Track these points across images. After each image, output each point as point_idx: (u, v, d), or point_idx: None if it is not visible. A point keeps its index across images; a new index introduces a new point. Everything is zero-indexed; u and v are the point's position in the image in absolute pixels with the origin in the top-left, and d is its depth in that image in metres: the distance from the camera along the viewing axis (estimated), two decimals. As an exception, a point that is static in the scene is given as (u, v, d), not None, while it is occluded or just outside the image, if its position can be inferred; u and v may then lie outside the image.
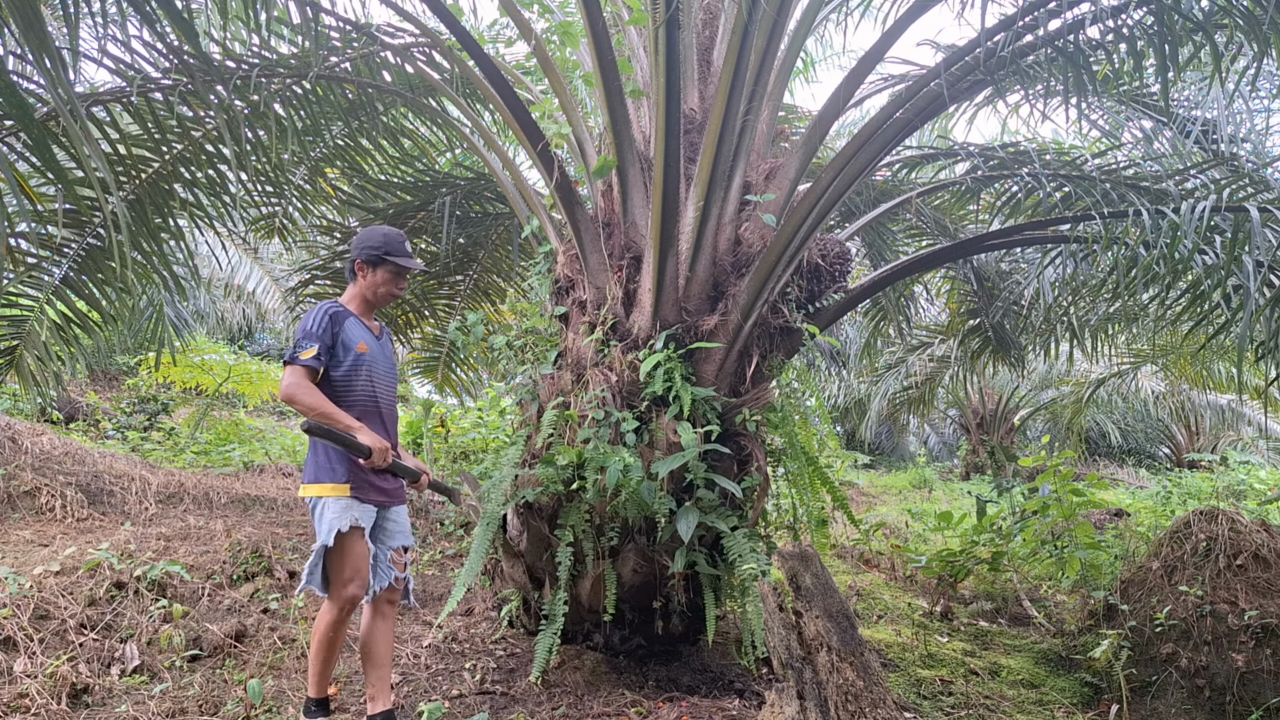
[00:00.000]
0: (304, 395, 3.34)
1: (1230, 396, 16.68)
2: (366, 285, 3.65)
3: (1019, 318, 7.94)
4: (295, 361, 3.37)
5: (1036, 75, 4.83)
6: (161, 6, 3.23)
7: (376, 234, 3.61)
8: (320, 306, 3.48)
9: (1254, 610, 4.80)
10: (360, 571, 3.48)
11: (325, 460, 3.48)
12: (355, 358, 3.51)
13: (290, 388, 3.34)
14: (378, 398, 3.62)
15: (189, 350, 11.34)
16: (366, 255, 3.58)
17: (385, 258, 3.58)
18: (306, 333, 3.41)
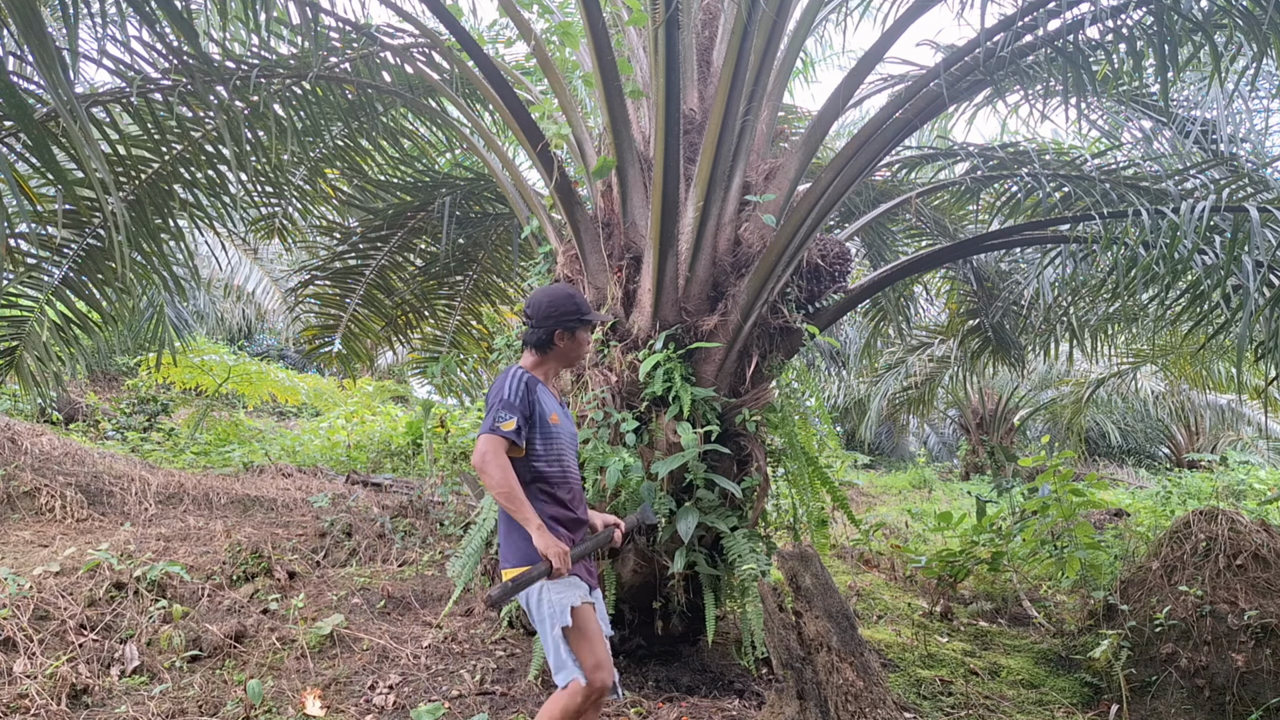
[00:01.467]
0: (497, 471, 3.00)
1: (1230, 396, 16.67)
2: (567, 350, 3.31)
3: (1019, 318, 7.94)
4: (495, 432, 3.03)
5: (1036, 75, 4.83)
6: (161, 7, 3.23)
7: (566, 298, 3.30)
8: (515, 374, 3.18)
9: (1254, 610, 4.80)
10: (602, 657, 3.07)
11: (527, 541, 3.08)
12: (549, 429, 3.22)
13: (485, 457, 3.00)
14: (567, 471, 3.30)
15: (189, 351, 11.34)
16: (569, 323, 3.25)
17: (584, 319, 3.30)
18: (506, 402, 3.08)
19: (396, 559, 6.20)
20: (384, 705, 4.06)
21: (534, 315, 3.27)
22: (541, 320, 3.25)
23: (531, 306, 3.29)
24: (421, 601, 5.41)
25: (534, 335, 3.27)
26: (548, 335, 3.26)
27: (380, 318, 7.46)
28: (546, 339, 3.26)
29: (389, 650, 4.60)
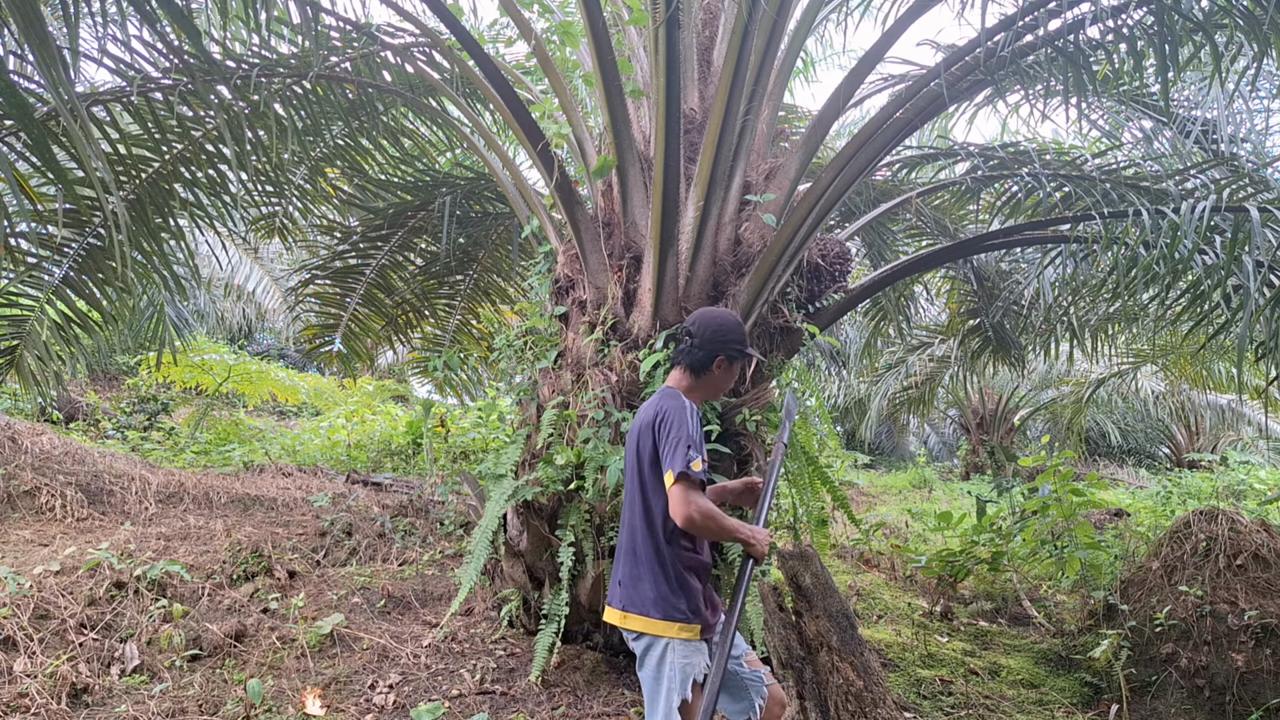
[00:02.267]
0: (708, 518, 2.71)
1: (1230, 396, 16.67)
2: (719, 380, 3.06)
3: (1019, 318, 7.94)
4: (689, 475, 2.71)
5: (1036, 75, 4.83)
6: (162, 6, 3.23)
7: (736, 325, 3.06)
8: (686, 405, 2.87)
9: (1254, 610, 4.80)
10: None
11: (672, 587, 2.81)
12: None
13: (692, 510, 2.69)
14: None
15: (189, 350, 11.34)
16: (732, 352, 3.02)
17: (746, 353, 3.08)
18: (690, 439, 2.77)
19: (397, 558, 6.20)
20: (384, 705, 4.06)
21: (698, 334, 3.00)
22: (706, 342, 2.99)
23: (698, 324, 3.02)
24: (422, 601, 5.41)
25: (694, 356, 3.00)
26: (709, 358, 3.00)
27: (380, 317, 7.46)
28: (706, 362, 3.00)
29: (389, 650, 4.60)
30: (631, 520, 2.92)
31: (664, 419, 2.84)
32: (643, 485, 2.88)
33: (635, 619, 2.83)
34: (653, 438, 2.85)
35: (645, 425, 2.90)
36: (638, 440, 2.92)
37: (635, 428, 2.98)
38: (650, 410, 2.93)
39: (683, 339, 3.06)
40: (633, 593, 2.85)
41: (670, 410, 2.85)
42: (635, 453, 2.92)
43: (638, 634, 2.84)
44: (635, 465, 2.92)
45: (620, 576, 2.92)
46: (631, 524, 2.92)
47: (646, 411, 2.95)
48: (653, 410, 2.90)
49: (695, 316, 3.07)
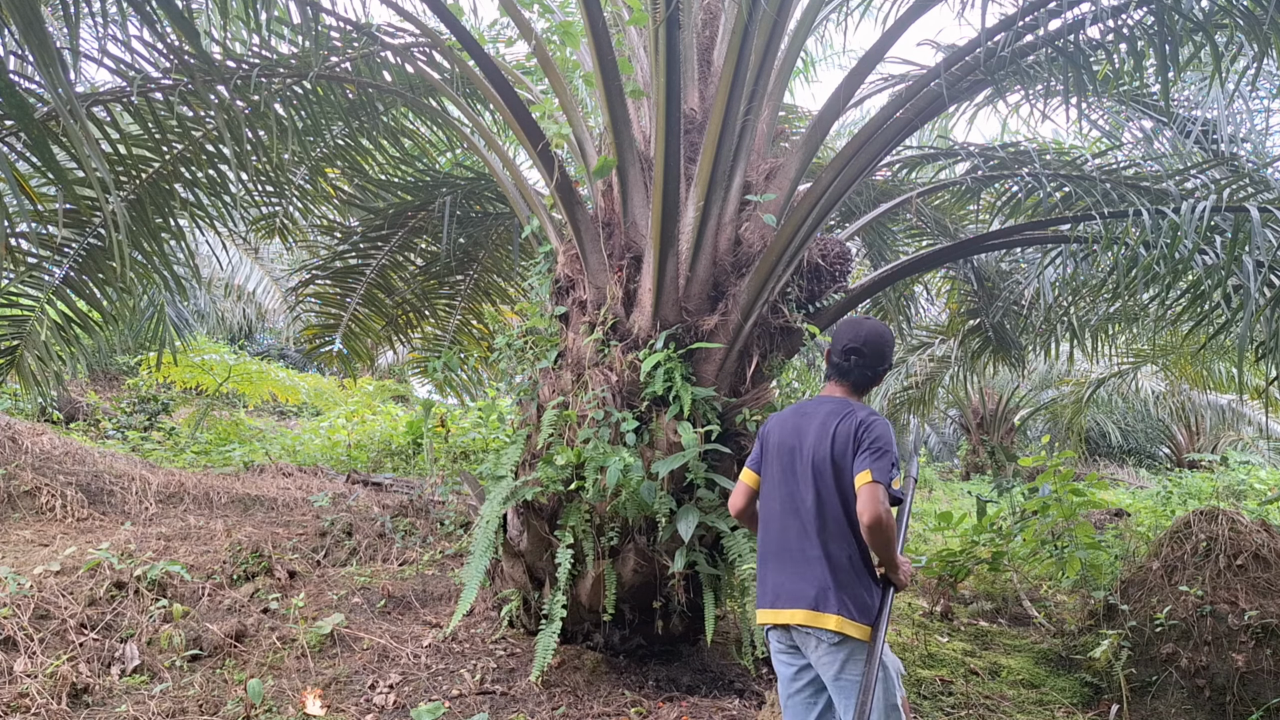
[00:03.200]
0: (890, 528, 2.70)
1: (1230, 396, 16.66)
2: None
3: (1019, 318, 7.94)
4: (889, 487, 2.73)
5: (1037, 75, 4.83)
6: (162, 6, 3.23)
7: (892, 341, 3.07)
8: (883, 420, 2.86)
9: (1254, 610, 4.80)
10: None
11: (871, 594, 2.80)
12: None
13: (887, 516, 2.68)
14: None
15: (189, 350, 11.34)
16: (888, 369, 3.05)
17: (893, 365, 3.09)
18: (894, 455, 2.78)
19: (397, 558, 6.20)
20: (384, 705, 4.06)
21: (870, 353, 2.96)
22: (877, 361, 2.97)
23: (868, 344, 2.96)
24: (422, 601, 5.41)
25: (864, 375, 2.98)
26: (879, 376, 3.01)
27: (381, 317, 7.46)
28: (877, 379, 3.02)
29: (389, 650, 4.60)
30: (824, 524, 2.82)
31: (870, 430, 2.80)
32: (842, 489, 2.82)
33: (848, 624, 2.73)
34: (854, 444, 2.80)
35: (843, 433, 2.83)
36: (831, 445, 2.84)
37: (810, 432, 2.90)
38: (844, 418, 2.86)
39: (847, 355, 2.97)
40: (851, 600, 2.76)
41: (878, 423, 2.83)
42: (829, 458, 2.83)
43: (839, 638, 2.74)
44: (829, 469, 2.83)
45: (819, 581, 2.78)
46: (823, 528, 2.82)
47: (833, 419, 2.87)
48: (852, 418, 2.84)
49: (861, 334, 2.98)
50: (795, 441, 2.95)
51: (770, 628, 2.93)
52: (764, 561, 2.98)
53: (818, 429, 2.90)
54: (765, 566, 2.96)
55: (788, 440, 2.97)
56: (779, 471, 2.97)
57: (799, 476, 2.90)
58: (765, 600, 2.93)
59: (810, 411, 2.99)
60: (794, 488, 2.91)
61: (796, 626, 2.81)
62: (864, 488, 2.71)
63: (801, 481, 2.89)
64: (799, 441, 2.93)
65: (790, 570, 2.86)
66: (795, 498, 2.90)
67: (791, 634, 2.86)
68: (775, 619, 2.86)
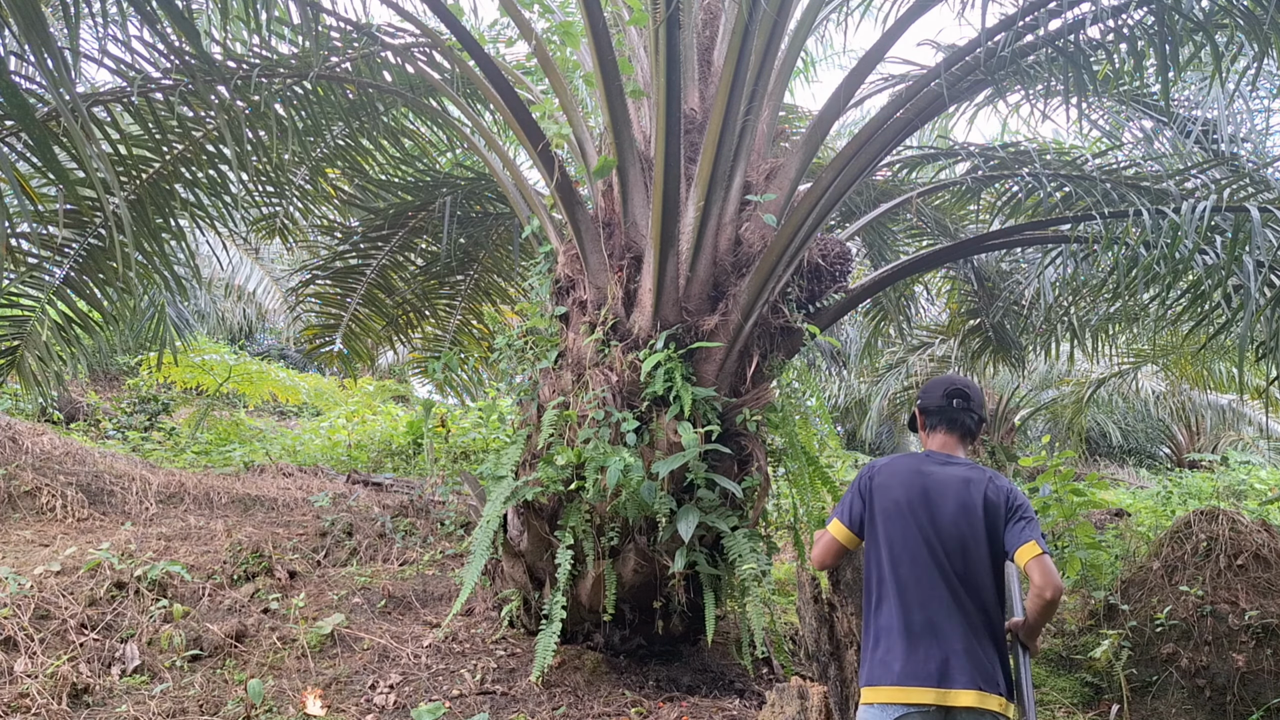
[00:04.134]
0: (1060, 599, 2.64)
1: (1231, 396, 16.65)
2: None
3: (1019, 318, 7.94)
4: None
5: (1037, 75, 4.83)
6: (162, 6, 3.23)
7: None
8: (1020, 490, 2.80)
9: (1254, 610, 4.80)
10: None
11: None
12: None
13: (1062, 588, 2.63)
14: None
15: (190, 350, 11.34)
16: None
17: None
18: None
19: (397, 558, 6.20)
20: (385, 705, 4.07)
21: (975, 396, 2.91)
22: (981, 405, 2.94)
23: (971, 388, 2.93)
24: (422, 601, 5.41)
25: (971, 420, 2.91)
26: (983, 421, 2.96)
27: (381, 317, 7.46)
28: (980, 426, 2.96)
29: (390, 650, 4.60)
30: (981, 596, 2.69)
31: (1017, 497, 2.72)
32: (995, 560, 2.73)
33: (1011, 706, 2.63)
34: (1006, 513, 2.70)
35: (993, 500, 2.72)
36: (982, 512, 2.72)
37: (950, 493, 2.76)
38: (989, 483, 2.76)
39: (951, 400, 2.90)
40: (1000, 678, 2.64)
41: (1021, 494, 2.75)
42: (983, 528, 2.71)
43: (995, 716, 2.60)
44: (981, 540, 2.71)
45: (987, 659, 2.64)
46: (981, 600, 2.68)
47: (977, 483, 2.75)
48: (998, 484, 2.75)
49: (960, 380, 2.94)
50: (927, 502, 2.75)
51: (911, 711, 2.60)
52: (908, 633, 2.66)
53: (958, 491, 2.74)
54: (909, 638, 2.65)
55: (914, 500, 2.77)
56: (906, 533, 2.75)
57: (944, 542, 2.70)
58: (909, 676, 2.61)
59: (938, 472, 2.81)
60: (939, 551, 2.70)
61: (964, 709, 2.56)
62: (1035, 560, 2.58)
63: (944, 545, 2.70)
64: (933, 503, 2.75)
65: (951, 645, 2.62)
66: (942, 564, 2.69)
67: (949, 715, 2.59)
68: (942, 700, 2.57)
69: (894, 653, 2.66)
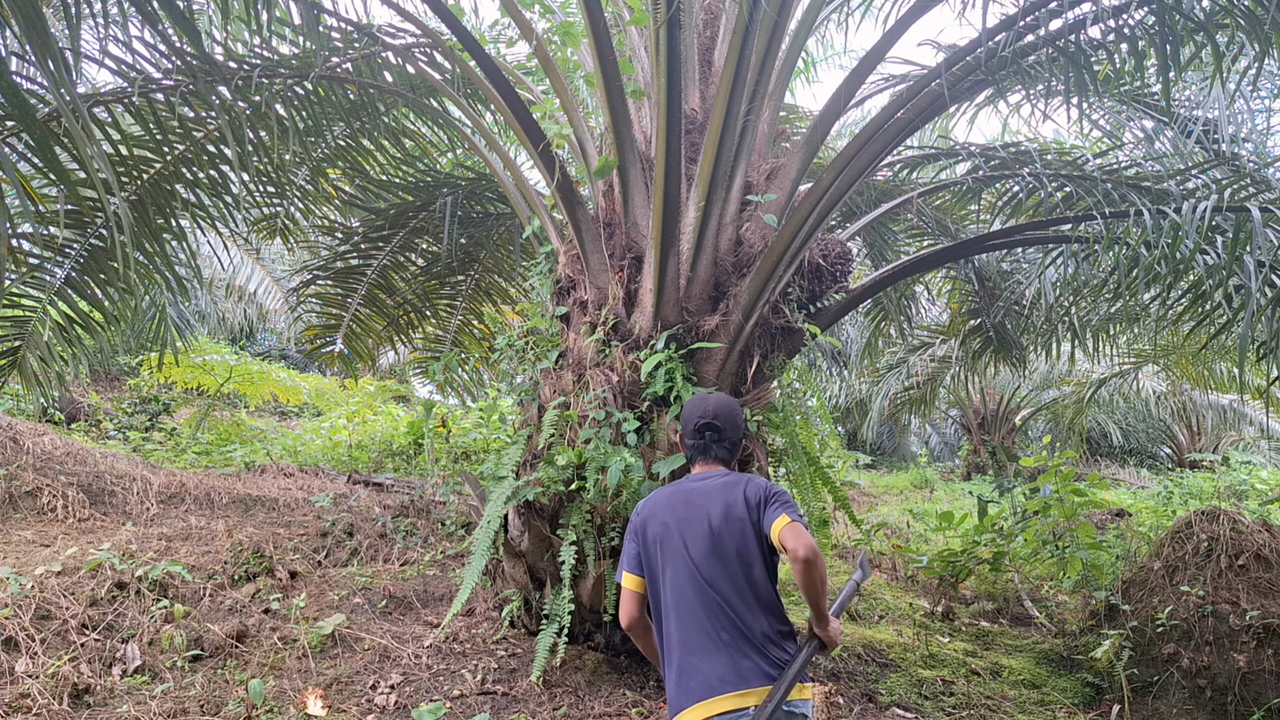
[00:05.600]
0: (824, 567, 2.63)
1: (1232, 396, 16.66)
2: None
3: (1020, 318, 7.94)
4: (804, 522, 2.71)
5: (1038, 75, 4.83)
6: (164, 7, 3.24)
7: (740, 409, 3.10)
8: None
9: (1255, 610, 4.80)
10: None
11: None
12: None
13: (812, 542, 2.60)
14: None
15: (191, 351, 11.35)
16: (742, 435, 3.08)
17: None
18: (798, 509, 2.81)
19: (398, 559, 6.20)
20: (385, 705, 4.07)
21: (726, 426, 2.96)
22: (733, 429, 2.98)
23: (723, 419, 2.96)
24: (423, 601, 5.41)
25: (726, 449, 2.97)
26: (739, 443, 3.03)
27: (382, 317, 7.46)
28: (736, 449, 3.03)
29: (390, 650, 4.60)
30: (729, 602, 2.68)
31: (769, 487, 2.76)
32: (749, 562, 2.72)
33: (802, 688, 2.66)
34: (760, 511, 2.72)
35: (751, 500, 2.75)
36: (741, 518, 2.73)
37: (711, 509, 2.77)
38: (744, 486, 2.79)
39: (703, 433, 2.95)
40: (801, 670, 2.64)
41: (776, 488, 2.77)
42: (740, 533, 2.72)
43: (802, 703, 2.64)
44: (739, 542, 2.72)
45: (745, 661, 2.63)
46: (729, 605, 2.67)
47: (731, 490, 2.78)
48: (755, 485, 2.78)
49: (710, 409, 2.98)
50: (693, 520, 2.77)
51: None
52: (688, 652, 2.67)
53: (721, 494, 2.79)
54: (691, 657, 2.66)
55: (679, 519, 2.80)
56: (678, 556, 2.75)
57: (708, 554, 2.72)
58: (699, 692, 2.61)
59: (698, 486, 2.86)
60: (702, 566, 2.71)
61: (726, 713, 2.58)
62: (786, 528, 2.60)
63: (705, 560, 2.71)
64: (699, 518, 2.76)
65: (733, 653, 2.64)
66: (707, 579, 2.70)
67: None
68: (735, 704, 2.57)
69: (673, 679, 2.70)
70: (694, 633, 2.68)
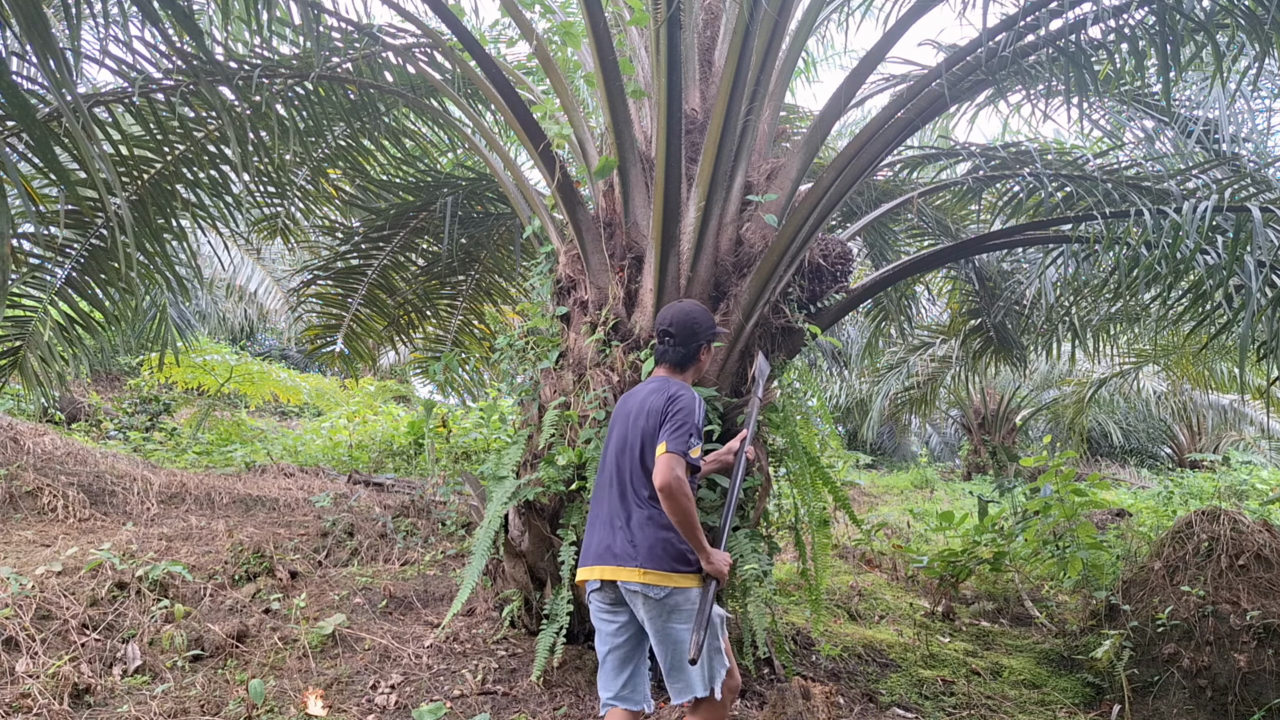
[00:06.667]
0: (684, 497, 2.91)
1: (1232, 396, 16.66)
2: (700, 366, 3.38)
3: (1021, 318, 7.94)
4: (685, 456, 2.95)
5: (1038, 75, 4.83)
6: (164, 6, 3.24)
7: (705, 314, 3.36)
8: (693, 395, 3.12)
9: (1256, 610, 4.80)
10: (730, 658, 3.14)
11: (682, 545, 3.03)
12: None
13: (677, 482, 2.90)
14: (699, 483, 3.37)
15: (191, 351, 11.35)
16: (709, 337, 3.33)
17: (717, 333, 3.40)
18: (696, 427, 3.03)
19: (398, 559, 6.20)
20: (386, 705, 4.07)
21: (679, 333, 3.28)
22: (688, 337, 3.28)
23: (674, 324, 3.29)
24: (423, 601, 5.41)
25: (679, 353, 3.29)
26: (695, 352, 3.31)
27: (382, 317, 7.46)
28: (694, 355, 3.31)
29: (391, 650, 4.61)
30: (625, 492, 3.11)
31: (675, 401, 3.07)
32: (644, 461, 3.09)
33: (658, 576, 2.97)
34: (661, 418, 3.06)
35: (654, 408, 3.10)
36: (644, 420, 3.11)
37: (633, 409, 3.19)
38: (658, 394, 3.14)
39: (663, 339, 3.30)
40: (661, 555, 3.00)
41: (683, 397, 3.09)
42: (640, 433, 3.10)
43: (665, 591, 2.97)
44: (637, 444, 3.11)
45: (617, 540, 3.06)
46: (625, 495, 3.11)
47: (651, 396, 3.16)
48: (663, 394, 3.12)
49: (668, 316, 3.31)
50: (621, 419, 3.24)
51: (594, 588, 3.13)
52: (590, 526, 3.21)
53: (637, 406, 3.19)
54: (591, 530, 3.19)
55: (617, 419, 3.28)
56: (609, 445, 3.26)
57: (624, 449, 3.16)
58: (588, 559, 3.14)
59: (635, 392, 3.31)
60: (619, 459, 3.16)
61: (609, 581, 3.06)
62: (660, 458, 2.96)
63: (621, 454, 3.16)
64: (624, 419, 3.22)
65: (614, 533, 3.09)
66: (619, 468, 3.16)
67: (618, 590, 3.06)
68: (601, 575, 3.07)
69: (586, 540, 3.21)
70: (596, 508, 3.22)
